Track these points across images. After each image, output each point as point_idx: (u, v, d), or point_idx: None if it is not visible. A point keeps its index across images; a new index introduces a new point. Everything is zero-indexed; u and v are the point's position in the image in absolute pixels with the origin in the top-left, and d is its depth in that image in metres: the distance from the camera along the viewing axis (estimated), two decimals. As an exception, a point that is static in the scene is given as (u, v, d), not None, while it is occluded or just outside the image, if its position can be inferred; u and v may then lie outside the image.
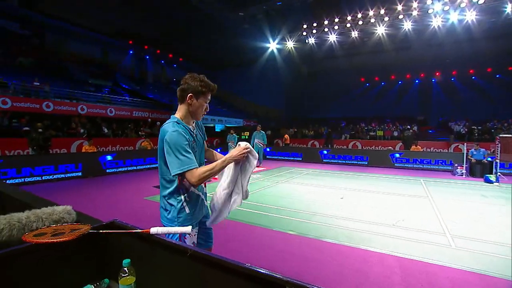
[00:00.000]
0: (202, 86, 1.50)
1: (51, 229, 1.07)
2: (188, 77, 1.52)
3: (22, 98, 11.03)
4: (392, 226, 4.00)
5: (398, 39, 17.02)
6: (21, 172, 6.59)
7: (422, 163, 10.56)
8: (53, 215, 1.42)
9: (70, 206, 1.51)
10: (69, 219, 1.44)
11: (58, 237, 0.96)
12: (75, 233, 1.00)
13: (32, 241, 0.92)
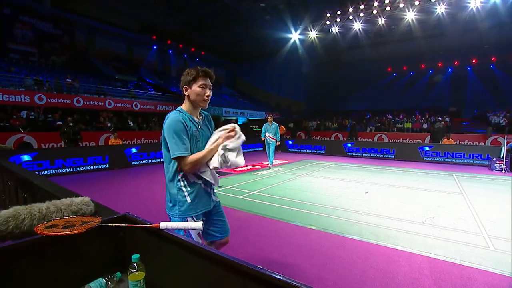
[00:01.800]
0: (189, 74, 1.56)
1: (63, 221, 1.05)
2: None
3: (55, 94, 11.69)
4: (422, 224, 3.75)
5: (429, 25, 15.90)
6: (54, 164, 7.00)
7: (455, 157, 9.87)
8: (71, 206, 1.44)
9: (88, 198, 1.53)
10: (87, 210, 1.45)
11: (69, 229, 0.94)
12: (85, 225, 0.97)
13: (43, 233, 0.91)
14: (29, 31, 15.34)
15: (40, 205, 1.38)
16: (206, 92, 1.55)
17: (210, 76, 1.58)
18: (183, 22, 18.84)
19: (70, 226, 0.99)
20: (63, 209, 1.39)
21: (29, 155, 6.64)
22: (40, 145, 9.10)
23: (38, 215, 1.32)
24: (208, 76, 1.57)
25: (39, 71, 13.78)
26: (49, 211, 1.36)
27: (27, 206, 1.35)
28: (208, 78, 1.57)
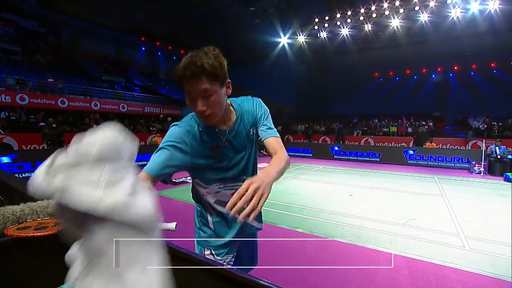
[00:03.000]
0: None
1: (36, 223, 1.05)
2: None
3: (38, 94, 11.37)
4: (403, 225, 3.86)
5: (414, 32, 16.41)
6: (35, 166, 6.79)
7: (437, 161, 10.19)
8: (47, 208, 1.41)
9: (66, 200, 1.51)
10: (63, 213, 1.44)
11: (40, 231, 0.94)
12: (58, 227, 0.97)
13: (13, 234, 0.90)
14: (11, 29, 14.89)
15: (14, 208, 1.35)
16: (197, 106, 0.94)
17: (195, 75, 0.89)
18: (173, 24, 18.75)
19: (42, 227, 0.98)
20: (38, 212, 1.37)
21: (9, 156, 6.43)
22: (21, 146, 8.81)
23: (11, 218, 1.29)
24: (192, 78, 0.89)
25: (21, 70, 13.37)
26: (24, 213, 1.34)
27: (0, 209, 1.33)
28: (193, 81, 0.90)
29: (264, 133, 1.14)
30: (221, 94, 0.97)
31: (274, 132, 1.15)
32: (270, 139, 1.13)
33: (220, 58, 0.95)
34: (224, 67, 0.96)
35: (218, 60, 0.93)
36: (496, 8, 12.94)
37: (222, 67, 0.95)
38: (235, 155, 1.13)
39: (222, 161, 1.11)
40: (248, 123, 1.15)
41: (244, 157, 1.16)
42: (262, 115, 1.18)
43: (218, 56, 0.94)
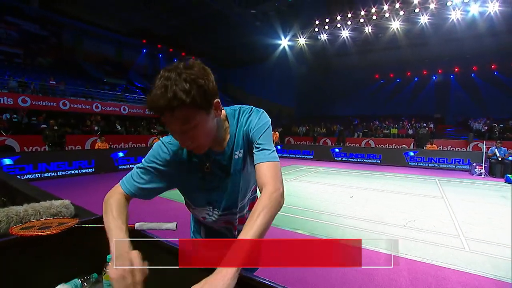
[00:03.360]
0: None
1: (39, 223, 1.07)
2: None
3: (40, 96, 11.44)
4: (403, 227, 3.86)
5: (414, 34, 16.47)
6: (37, 168, 6.83)
7: (438, 162, 10.19)
8: (50, 209, 1.44)
9: (68, 201, 1.53)
10: (67, 213, 1.45)
11: (44, 230, 0.96)
12: (61, 226, 0.99)
13: (18, 233, 0.92)
14: (14, 32, 15.00)
15: (18, 208, 1.37)
16: (180, 142, 0.82)
17: (168, 110, 0.71)
18: (174, 27, 18.85)
19: (46, 227, 1.00)
20: (41, 212, 1.39)
21: (11, 158, 6.46)
22: (23, 148, 8.86)
23: (15, 218, 1.31)
24: (166, 114, 0.72)
25: (24, 73, 13.46)
26: (27, 214, 1.36)
27: (4, 209, 1.34)
28: (168, 117, 0.73)
29: (256, 156, 0.89)
30: (207, 122, 0.79)
31: (269, 155, 0.88)
32: (261, 165, 0.86)
33: (200, 78, 0.72)
34: (209, 88, 0.75)
35: (197, 83, 0.71)
36: (496, 10, 12.98)
37: (204, 90, 0.73)
38: (224, 180, 0.97)
39: (211, 183, 0.98)
40: (239, 143, 0.95)
41: (229, 184, 0.98)
42: (256, 131, 0.92)
43: (197, 76, 0.72)
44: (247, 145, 0.95)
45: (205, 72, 0.77)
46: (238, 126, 0.95)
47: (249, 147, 0.95)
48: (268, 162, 0.87)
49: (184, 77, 0.70)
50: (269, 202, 0.77)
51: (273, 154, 0.89)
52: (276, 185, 0.82)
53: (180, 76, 0.70)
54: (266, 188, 0.81)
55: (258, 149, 0.90)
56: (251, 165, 0.98)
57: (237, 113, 0.96)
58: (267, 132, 0.93)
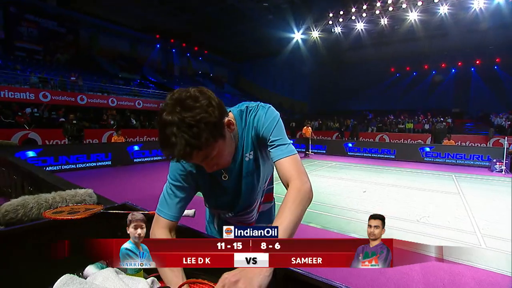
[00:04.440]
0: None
1: (68, 208, 1.15)
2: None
3: (59, 92, 11.85)
4: (417, 222, 3.82)
5: (432, 26, 15.88)
6: (58, 160, 7.14)
7: (455, 158, 9.89)
8: (75, 197, 1.54)
9: (91, 190, 1.63)
10: (90, 201, 1.55)
11: (73, 214, 1.04)
12: (88, 212, 1.07)
13: (50, 217, 1.00)
14: (34, 29, 15.53)
15: (47, 196, 1.48)
16: (207, 167, 0.81)
17: (181, 158, 0.70)
18: (187, 21, 18.97)
19: (74, 212, 1.08)
20: (68, 199, 1.49)
21: (34, 151, 6.78)
22: (44, 141, 9.26)
23: (45, 204, 1.42)
24: (182, 159, 0.71)
25: (44, 69, 13.96)
26: (55, 201, 1.46)
27: (34, 196, 1.45)
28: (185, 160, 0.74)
29: (273, 153, 0.87)
30: (225, 145, 0.78)
31: (286, 150, 0.86)
32: (281, 162, 0.85)
33: (203, 113, 0.67)
34: (216, 116, 0.70)
35: (203, 121, 0.67)
36: (522, -1, 12.31)
37: (213, 124, 0.69)
38: (237, 183, 0.97)
39: (225, 191, 0.99)
40: (249, 145, 0.92)
41: (242, 187, 0.98)
42: (266, 128, 0.89)
43: (200, 113, 0.67)
44: (257, 144, 0.93)
45: (205, 100, 0.70)
46: (246, 126, 0.92)
47: (260, 145, 0.93)
48: (287, 157, 0.85)
49: (188, 121, 0.66)
50: (298, 196, 0.77)
51: (290, 147, 0.87)
52: (302, 179, 0.81)
53: (184, 122, 0.65)
54: (292, 183, 0.80)
55: (273, 146, 0.87)
56: (264, 162, 0.98)
57: (244, 113, 0.92)
58: (277, 126, 0.89)
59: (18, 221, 1.34)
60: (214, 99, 0.73)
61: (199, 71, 25.23)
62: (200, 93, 0.71)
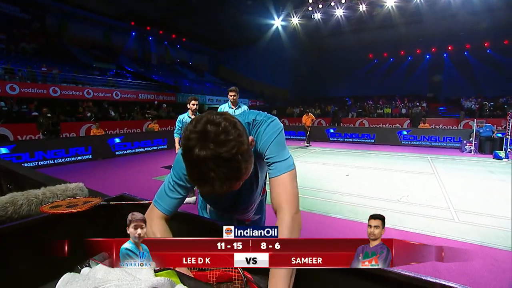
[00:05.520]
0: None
1: (66, 202, 1.14)
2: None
3: (29, 83, 11.13)
4: (397, 202, 4.05)
5: (408, 12, 16.27)
6: (34, 156, 6.80)
7: (430, 141, 10.44)
8: (66, 191, 1.50)
9: (82, 183, 1.59)
10: (82, 195, 1.52)
11: (72, 208, 1.03)
12: (87, 204, 1.06)
13: (49, 211, 0.99)
14: (-7, 16, 14.32)
15: (36, 191, 1.43)
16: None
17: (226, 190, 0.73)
18: (163, 8, 18.18)
19: (72, 205, 1.07)
20: (59, 195, 1.46)
21: (6, 147, 6.41)
22: (16, 137, 8.74)
23: (35, 201, 1.38)
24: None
25: (8, 59, 12.99)
26: (45, 196, 1.42)
27: (23, 192, 1.41)
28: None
29: (268, 171, 0.90)
30: (252, 163, 0.76)
31: (280, 168, 0.87)
32: (274, 181, 0.87)
33: (238, 146, 0.65)
34: (248, 146, 0.71)
35: (239, 154, 0.66)
36: (491, -14, 12.84)
37: (246, 155, 0.69)
38: (236, 192, 0.97)
39: (223, 199, 1.04)
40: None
41: (241, 195, 1.04)
42: (263, 145, 0.90)
43: (234, 147, 0.65)
44: (254, 153, 0.90)
45: (235, 130, 0.67)
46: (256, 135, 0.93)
47: (258, 157, 0.92)
48: (279, 176, 0.86)
49: (225, 156, 0.63)
50: (294, 227, 0.80)
51: (284, 164, 0.87)
52: (291, 210, 0.81)
53: (221, 158, 0.63)
54: (284, 209, 0.81)
55: (269, 164, 0.88)
56: (261, 170, 1.02)
57: (250, 127, 0.92)
58: (275, 141, 0.89)
59: (8, 219, 1.30)
60: (240, 126, 0.70)
61: (177, 60, 24.49)
62: (229, 122, 0.67)
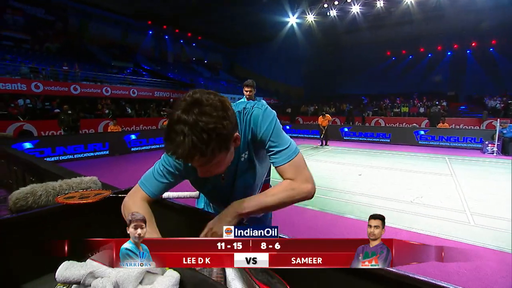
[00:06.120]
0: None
1: (79, 193, 1.21)
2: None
3: (52, 82, 11.63)
4: (410, 203, 3.96)
5: (429, 7, 15.68)
6: (55, 151, 7.14)
7: (449, 141, 10.06)
8: (81, 184, 1.60)
9: (96, 177, 1.68)
10: (95, 188, 1.61)
11: (84, 199, 1.09)
12: (98, 196, 1.13)
13: (63, 202, 1.06)
14: (20, 17, 15.02)
15: (54, 183, 1.53)
16: (200, 172, 0.80)
17: (183, 158, 0.70)
18: (179, 7, 18.45)
19: (84, 197, 1.14)
20: (74, 187, 1.55)
21: (31, 142, 6.76)
22: (39, 133, 9.18)
23: (52, 192, 1.47)
24: (183, 159, 0.72)
25: (33, 59, 13.63)
26: (62, 188, 1.52)
27: (42, 184, 1.50)
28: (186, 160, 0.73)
29: (273, 159, 0.89)
30: (226, 157, 0.78)
31: (286, 153, 0.87)
32: (282, 167, 0.87)
33: (218, 123, 0.68)
34: (228, 129, 0.71)
35: (216, 131, 0.67)
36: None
37: (224, 136, 0.70)
38: (232, 182, 0.98)
39: (219, 189, 1.00)
40: (245, 145, 0.91)
41: (236, 185, 0.99)
42: (264, 133, 0.88)
43: (215, 122, 0.67)
44: (252, 145, 0.91)
45: (223, 111, 0.70)
46: (243, 128, 0.89)
47: (256, 146, 0.92)
48: (286, 164, 0.86)
49: (202, 126, 0.65)
50: (286, 188, 0.85)
51: (289, 151, 0.87)
52: (302, 181, 0.85)
53: (198, 125, 0.65)
54: (293, 181, 0.85)
55: (272, 152, 0.88)
56: (260, 161, 0.99)
57: (241, 115, 0.90)
58: (275, 129, 0.88)
59: (28, 208, 1.40)
60: (231, 113, 0.73)
61: (193, 58, 24.82)
62: (221, 103, 0.71)
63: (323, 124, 10.38)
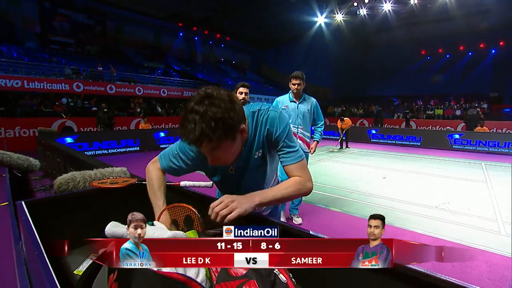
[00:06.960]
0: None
1: (110, 180, 1.38)
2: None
3: (91, 82, 12.60)
4: (435, 208, 3.80)
5: (471, 2, 14.65)
6: (92, 146, 7.75)
7: (487, 146, 9.35)
8: (113, 173, 1.80)
9: (125, 168, 1.89)
10: (125, 176, 1.81)
11: (114, 184, 1.26)
12: (125, 183, 1.29)
13: (97, 186, 1.24)
14: (66, 23, 16.43)
15: (90, 172, 1.75)
16: (209, 159, 0.89)
17: (193, 143, 0.81)
18: (208, 9, 19.03)
19: (115, 183, 1.31)
20: (106, 175, 1.76)
21: (71, 137, 7.41)
22: (79, 129, 10.01)
23: (89, 179, 1.69)
24: (193, 143, 0.82)
25: (75, 60, 14.83)
26: (96, 176, 1.73)
27: (80, 172, 1.73)
28: (196, 145, 0.83)
29: (283, 158, 1.01)
30: (232, 147, 0.87)
31: (295, 155, 1.00)
32: (291, 166, 1.00)
33: (225, 113, 0.78)
34: (234, 120, 0.81)
35: (223, 120, 0.77)
36: None
37: (230, 125, 0.80)
38: (242, 177, 1.07)
39: (229, 182, 1.09)
40: (259, 144, 1.01)
41: (247, 180, 1.07)
42: (279, 135, 0.99)
43: (223, 112, 0.77)
44: (267, 144, 1.02)
45: (230, 104, 0.80)
46: (258, 128, 0.99)
47: (270, 145, 1.02)
48: (295, 164, 1.00)
49: (210, 115, 0.75)
50: (295, 184, 0.98)
51: (298, 153, 1.01)
52: (306, 179, 1.00)
53: (207, 115, 0.75)
54: (298, 178, 0.99)
55: (284, 152, 1.00)
56: (271, 160, 1.08)
57: (256, 115, 1.00)
58: (289, 132, 1.00)
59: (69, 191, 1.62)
60: (238, 106, 0.83)
61: (221, 58, 25.39)
62: (229, 97, 0.81)
63: (342, 127, 10.07)
